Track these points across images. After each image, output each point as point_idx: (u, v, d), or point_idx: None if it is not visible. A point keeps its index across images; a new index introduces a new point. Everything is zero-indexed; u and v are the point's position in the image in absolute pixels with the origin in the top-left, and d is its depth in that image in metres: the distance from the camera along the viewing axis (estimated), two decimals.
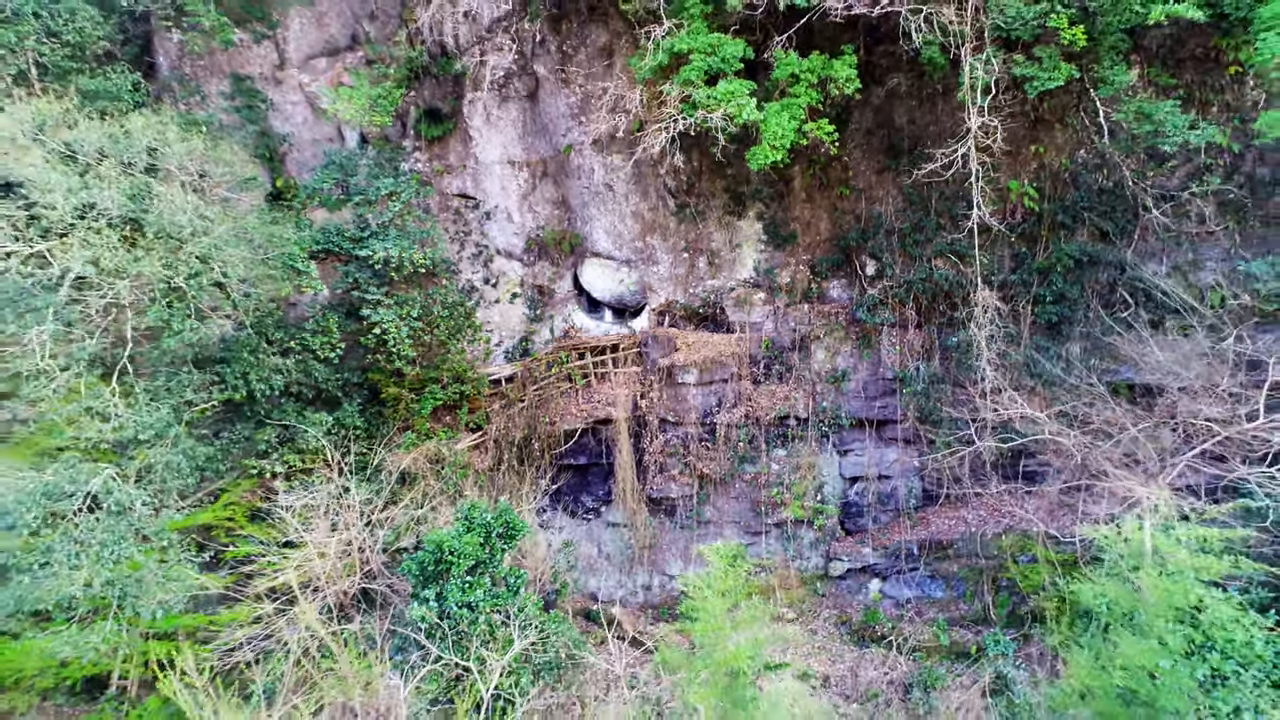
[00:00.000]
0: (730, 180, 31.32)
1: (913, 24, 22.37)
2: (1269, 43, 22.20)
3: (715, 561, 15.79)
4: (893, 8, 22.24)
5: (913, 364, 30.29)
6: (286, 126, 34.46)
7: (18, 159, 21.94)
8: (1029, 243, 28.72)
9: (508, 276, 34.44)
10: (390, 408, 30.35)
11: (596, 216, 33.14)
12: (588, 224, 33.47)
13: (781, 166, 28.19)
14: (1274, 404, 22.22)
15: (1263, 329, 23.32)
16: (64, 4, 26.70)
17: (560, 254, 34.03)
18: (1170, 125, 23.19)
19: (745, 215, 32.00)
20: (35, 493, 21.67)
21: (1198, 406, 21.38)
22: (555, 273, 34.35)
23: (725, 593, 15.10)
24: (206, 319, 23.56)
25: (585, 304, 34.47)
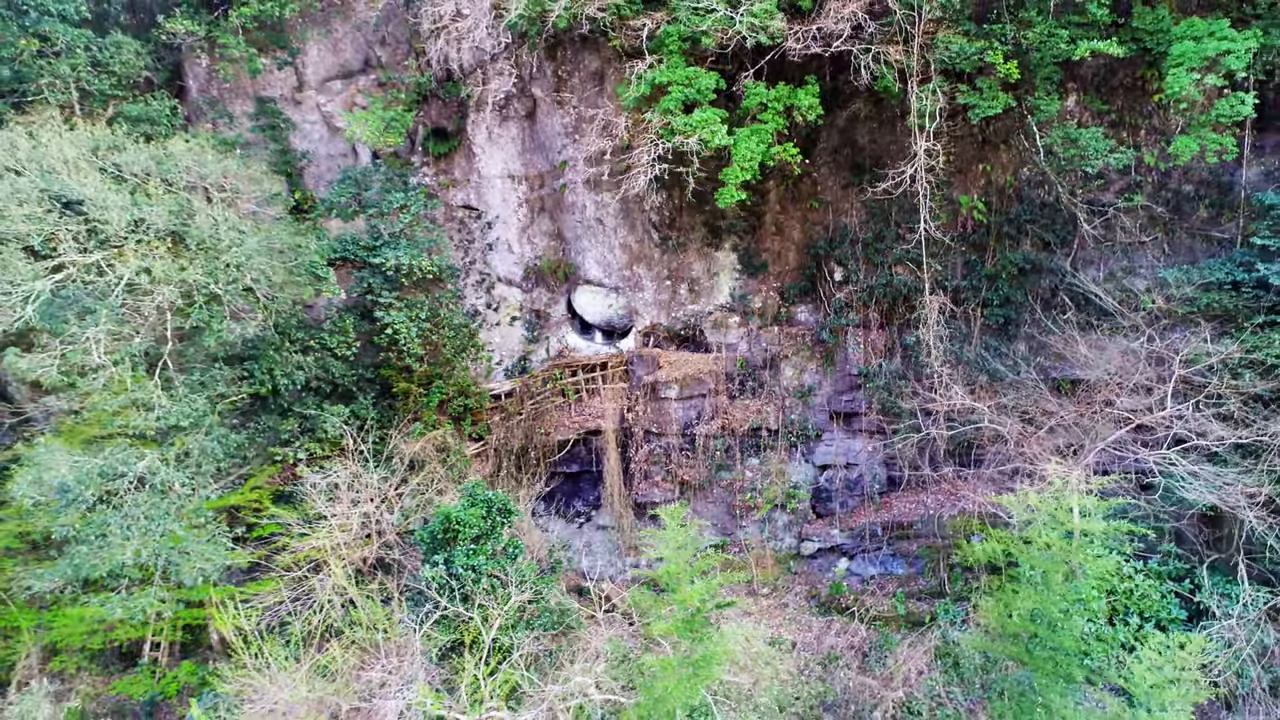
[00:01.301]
0: (708, 215, 34.40)
1: (863, 61, 25.39)
2: (1178, 78, 25.20)
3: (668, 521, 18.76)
4: (844, 46, 25.27)
5: (876, 361, 33.30)
6: (305, 144, 37.58)
7: (79, 180, 24.99)
8: (978, 251, 31.73)
9: (508, 302, 37.56)
10: (401, 401, 33.37)
11: (588, 248, 36.24)
12: (580, 254, 36.56)
13: (751, 203, 31.18)
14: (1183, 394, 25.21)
15: (1174, 329, 26.26)
16: (110, 38, 29.82)
17: (555, 281, 37.14)
18: (1092, 149, 26.21)
19: (722, 247, 35.11)
20: (93, 472, 24.68)
21: (1115, 398, 24.33)
22: (551, 298, 37.45)
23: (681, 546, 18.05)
24: (240, 320, 26.58)
25: (578, 326, 37.58)
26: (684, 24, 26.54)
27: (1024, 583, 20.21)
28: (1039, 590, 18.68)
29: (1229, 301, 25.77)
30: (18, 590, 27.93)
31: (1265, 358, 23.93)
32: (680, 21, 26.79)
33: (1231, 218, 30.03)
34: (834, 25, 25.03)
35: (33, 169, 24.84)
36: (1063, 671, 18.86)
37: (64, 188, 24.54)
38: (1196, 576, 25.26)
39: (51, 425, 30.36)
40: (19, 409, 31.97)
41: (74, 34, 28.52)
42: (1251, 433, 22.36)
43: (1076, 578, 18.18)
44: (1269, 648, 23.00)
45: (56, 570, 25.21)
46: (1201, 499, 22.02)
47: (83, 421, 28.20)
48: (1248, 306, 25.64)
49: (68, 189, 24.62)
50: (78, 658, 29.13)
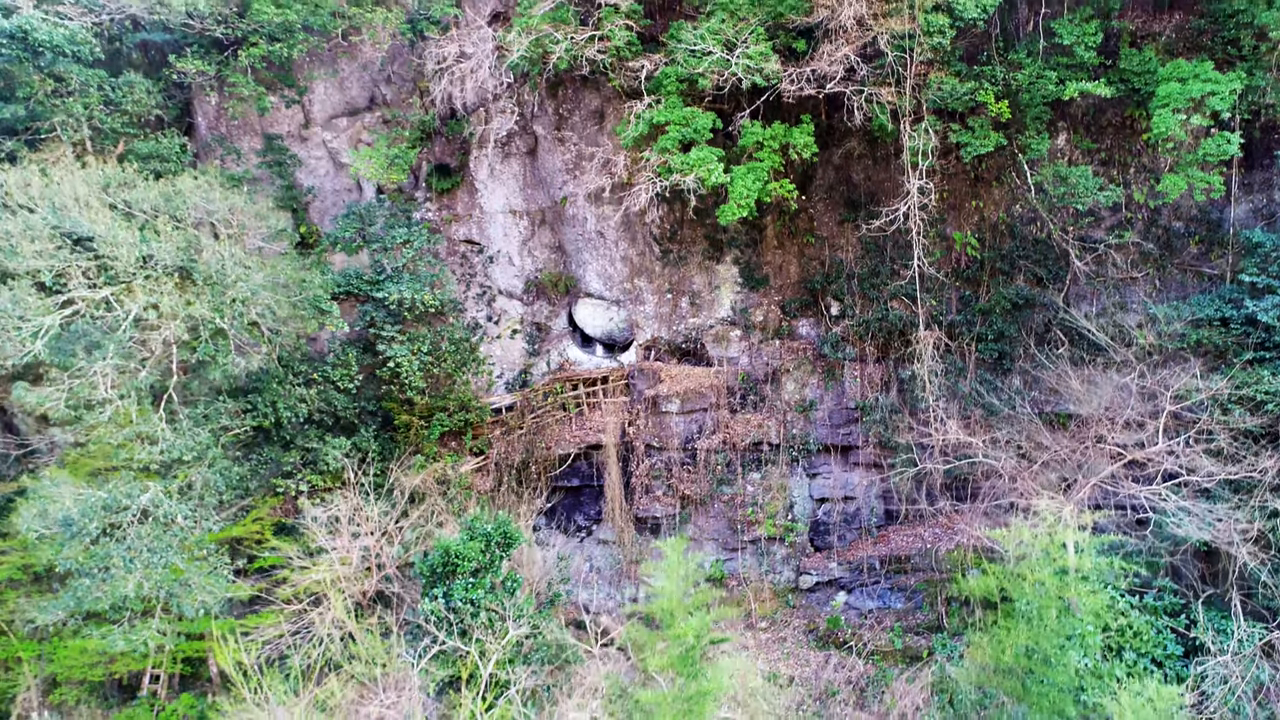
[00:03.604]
0: (709, 229, 34.89)
1: (856, 103, 26.03)
2: (1163, 118, 25.79)
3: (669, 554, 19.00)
4: (838, 88, 25.92)
5: (872, 395, 33.61)
6: (311, 179, 38.26)
7: (90, 217, 25.56)
8: (972, 286, 32.17)
9: (509, 315, 37.98)
10: (402, 433, 33.70)
11: (589, 261, 36.74)
12: (581, 267, 37.05)
13: (753, 218, 31.74)
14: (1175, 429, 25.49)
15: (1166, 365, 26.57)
16: (123, 78, 30.58)
17: (556, 294, 37.60)
18: (1082, 187, 26.75)
19: (723, 260, 35.57)
20: (97, 505, 24.98)
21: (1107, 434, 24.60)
22: (552, 311, 37.89)
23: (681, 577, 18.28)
24: (245, 354, 27.01)
25: (579, 339, 37.94)
26: (681, 65, 27.23)
27: (1019, 618, 20.37)
28: (1033, 626, 18.85)
29: (1218, 337, 26.13)
30: (20, 623, 28.10)
31: (1254, 394, 24.24)
32: (678, 63, 27.49)
33: (1221, 253, 30.52)
34: (827, 67, 25.68)
35: (45, 206, 25.41)
36: (1058, 708, 18.96)
37: (75, 224, 25.10)
38: (1192, 611, 25.36)
39: (56, 457, 30.72)
40: (25, 441, 32.34)
41: (88, 74, 29.27)
42: (1242, 468, 22.61)
43: (1071, 614, 18.35)
44: (1264, 684, 23.04)
45: (59, 603, 25.41)
46: (1194, 536, 22.20)
47: (87, 454, 28.55)
48: (1237, 342, 26.00)
49: (78, 226, 25.18)
50: (78, 690, 29.19)
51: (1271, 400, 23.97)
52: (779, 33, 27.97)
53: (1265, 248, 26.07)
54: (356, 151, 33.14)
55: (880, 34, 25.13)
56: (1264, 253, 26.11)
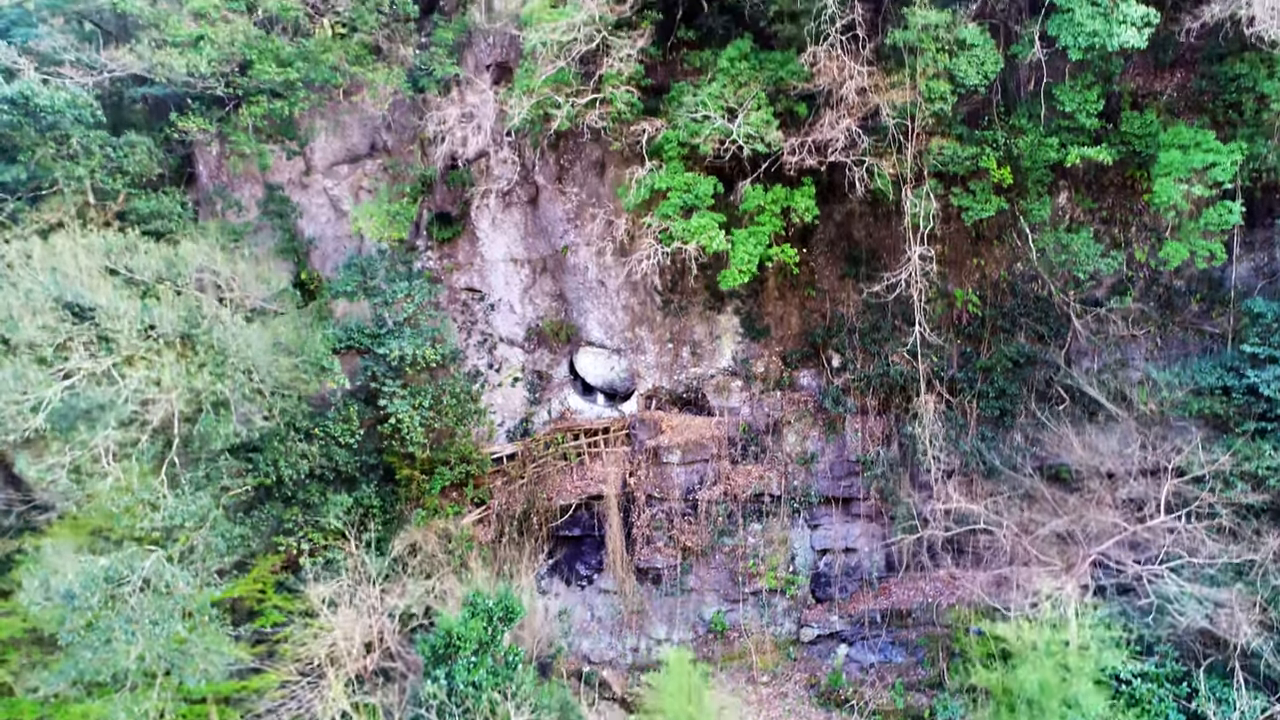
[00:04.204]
0: (710, 279, 34.81)
1: (857, 174, 26.04)
2: (1165, 187, 25.82)
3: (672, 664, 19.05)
4: (839, 158, 25.94)
5: (874, 449, 33.64)
6: (312, 225, 38.25)
7: (91, 287, 25.57)
8: (973, 343, 32.19)
9: (510, 362, 38.01)
10: (404, 487, 33.71)
11: (590, 309, 36.77)
12: (582, 316, 37.09)
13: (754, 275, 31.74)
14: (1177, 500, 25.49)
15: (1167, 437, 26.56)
16: (125, 138, 30.61)
17: (558, 343, 37.62)
18: (1084, 255, 26.78)
19: (724, 310, 35.58)
20: (98, 578, 24.97)
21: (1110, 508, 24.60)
22: (553, 359, 37.91)
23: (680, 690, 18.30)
24: (249, 421, 27.01)
25: (580, 388, 37.97)
26: (682, 130, 27.24)
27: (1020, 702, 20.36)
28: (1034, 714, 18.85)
29: (1220, 407, 26.15)
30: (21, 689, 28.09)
31: (1256, 469, 24.22)
32: (679, 128, 27.48)
33: (1222, 312, 30.55)
34: (830, 133, 25.68)
35: (46, 276, 25.43)
36: None
37: (76, 295, 25.12)
38: (1194, 680, 25.34)
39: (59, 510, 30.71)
40: (28, 495, 32.35)
41: (90, 136, 29.26)
42: (1243, 548, 22.59)
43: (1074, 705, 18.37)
44: None
45: (59, 673, 25.41)
46: (1195, 623, 22.20)
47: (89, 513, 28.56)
48: (1239, 412, 26.01)
49: (80, 297, 25.20)
50: None
51: (1273, 476, 23.98)
52: (780, 97, 28.00)
53: (1266, 318, 26.08)
54: (359, 207, 33.26)
55: (882, 105, 25.12)
56: (1265, 324, 26.11)
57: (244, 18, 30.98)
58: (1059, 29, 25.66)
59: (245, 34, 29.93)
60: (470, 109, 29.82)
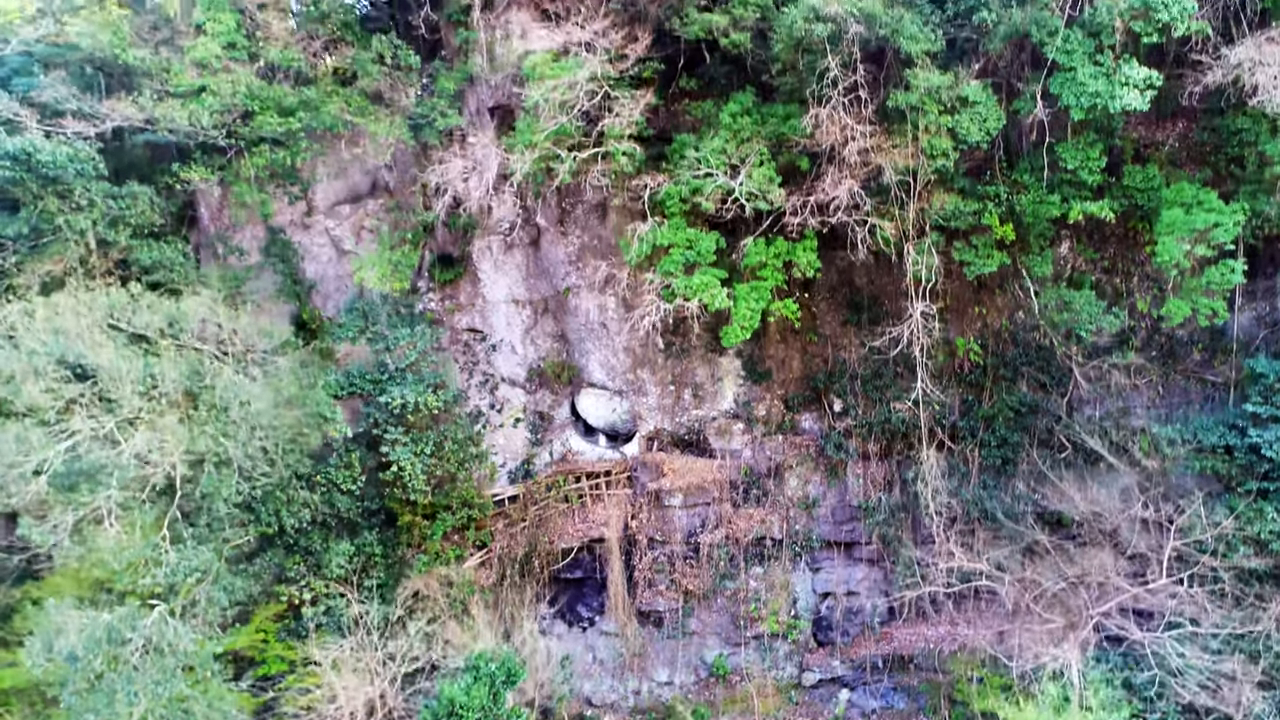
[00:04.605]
0: (712, 324, 34.87)
1: (860, 235, 26.03)
2: (1167, 247, 25.80)
3: None
4: (842, 218, 25.93)
5: (875, 495, 33.64)
6: (313, 265, 38.14)
7: (93, 346, 25.56)
8: (975, 391, 32.18)
9: (512, 403, 37.98)
10: (405, 533, 33.72)
11: (592, 351, 36.77)
12: (584, 357, 37.08)
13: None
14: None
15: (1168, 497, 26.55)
16: (126, 188, 30.56)
17: (559, 384, 37.62)
18: (1085, 314, 26.76)
19: (725, 353, 35.54)
20: (101, 639, 24.96)
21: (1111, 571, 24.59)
22: (554, 400, 37.90)
23: None
24: (251, 478, 27.03)
25: (581, 429, 37.96)
26: (684, 186, 27.22)
27: None
28: None
29: (1222, 466, 26.13)
30: None
31: (1259, 533, 24.22)
32: (681, 183, 27.47)
33: (1224, 361, 30.56)
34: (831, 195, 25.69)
35: (48, 335, 25.43)
36: None
37: (78, 356, 25.11)
38: None
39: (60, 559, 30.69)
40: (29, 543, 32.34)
41: (93, 188, 29.20)
42: (1245, 617, 22.58)
43: None
44: None
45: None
46: (1197, 699, 22.21)
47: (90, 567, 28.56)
48: (1241, 471, 25.99)
49: (81, 357, 25.19)
50: None
51: (1276, 540, 23.97)
52: (782, 150, 27.98)
53: (1269, 379, 26.06)
54: (361, 258, 33.18)
55: (884, 165, 25.12)
56: (1267, 384, 26.08)
57: (246, 66, 30.94)
58: (1061, 88, 25.65)
59: (247, 85, 29.86)
60: (472, 162, 29.72)
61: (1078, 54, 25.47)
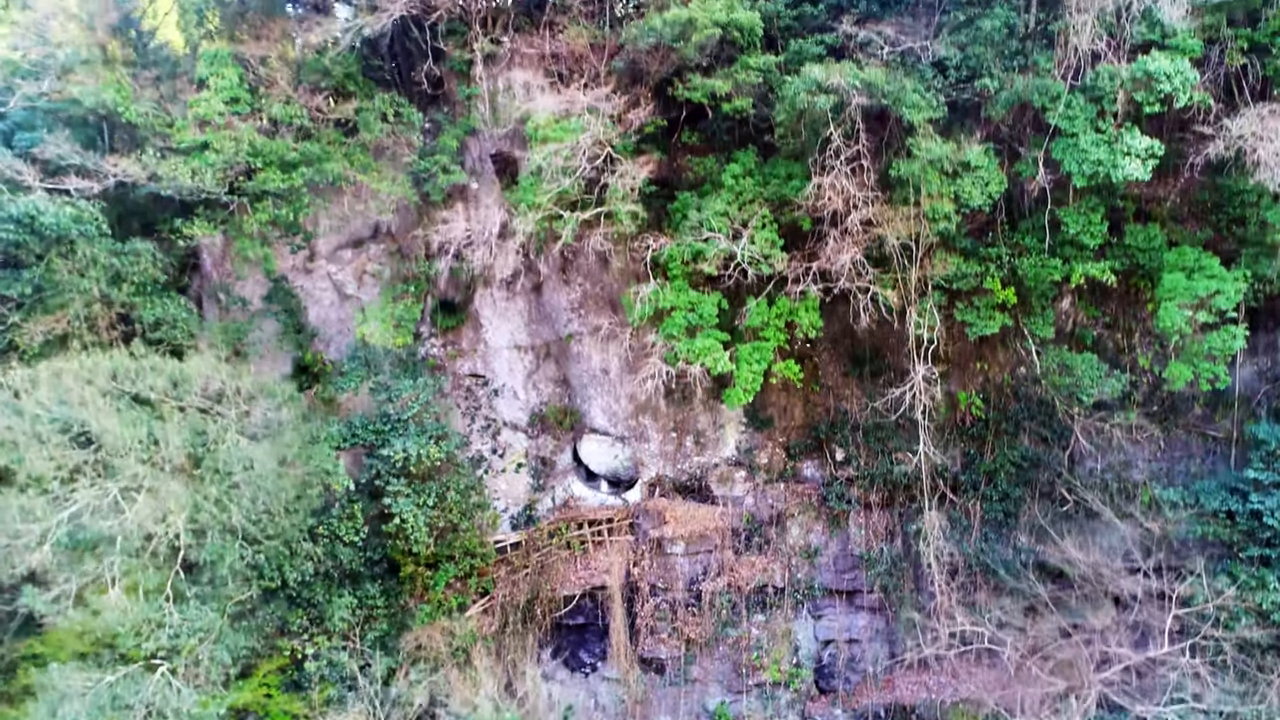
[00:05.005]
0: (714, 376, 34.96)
1: (861, 302, 26.08)
2: (1169, 312, 25.83)
3: None
4: (845, 284, 25.98)
5: (877, 545, 33.69)
6: (315, 308, 38.20)
7: (96, 412, 25.61)
8: (977, 444, 32.23)
9: (514, 448, 38.05)
10: (408, 583, 33.78)
11: (594, 396, 36.83)
12: (586, 402, 37.14)
13: None
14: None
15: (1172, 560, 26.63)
16: (129, 245, 30.60)
17: (561, 430, 37.69)
18: (1087, 378, 26.79)
19: None
20: (105, 706, 25.05)
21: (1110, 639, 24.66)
22: (556, 446, 37.96)
23: None
24: (255, 542, 27.09)
25: (583, 475, 38.02)
26: (687, 249, 27.26)
27: None
28: None
29: (1224, 532, 26.17)
30: None
31: (1261, 602, 24.27)
32: (683, 245, 27.50)
33: (1225, 415, 30.60)
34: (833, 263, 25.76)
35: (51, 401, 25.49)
36: None
37: (82, 424, 25.17)
38: None
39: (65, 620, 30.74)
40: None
41: (96, 245, 29.24)
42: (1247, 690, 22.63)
43: None
44: None
45: None
46: None
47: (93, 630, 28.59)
48: (1244, 537, 26.03)
49: (85, 424, 25.24)
50: None
51: (1278, 611, 24.01)
52: (784, 210, 28.02)
53: (1270, 445, 26.09)
54: (363, 312, 33.24)
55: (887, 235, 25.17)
56: (1269, 450, 26.12)
57: (248, 121, 30.97)
58: (1064, 154, 25.68)
59: (250, 141, 29.89)
60: (476, 224, 29.77)
61: (1079, 119, 25.52)
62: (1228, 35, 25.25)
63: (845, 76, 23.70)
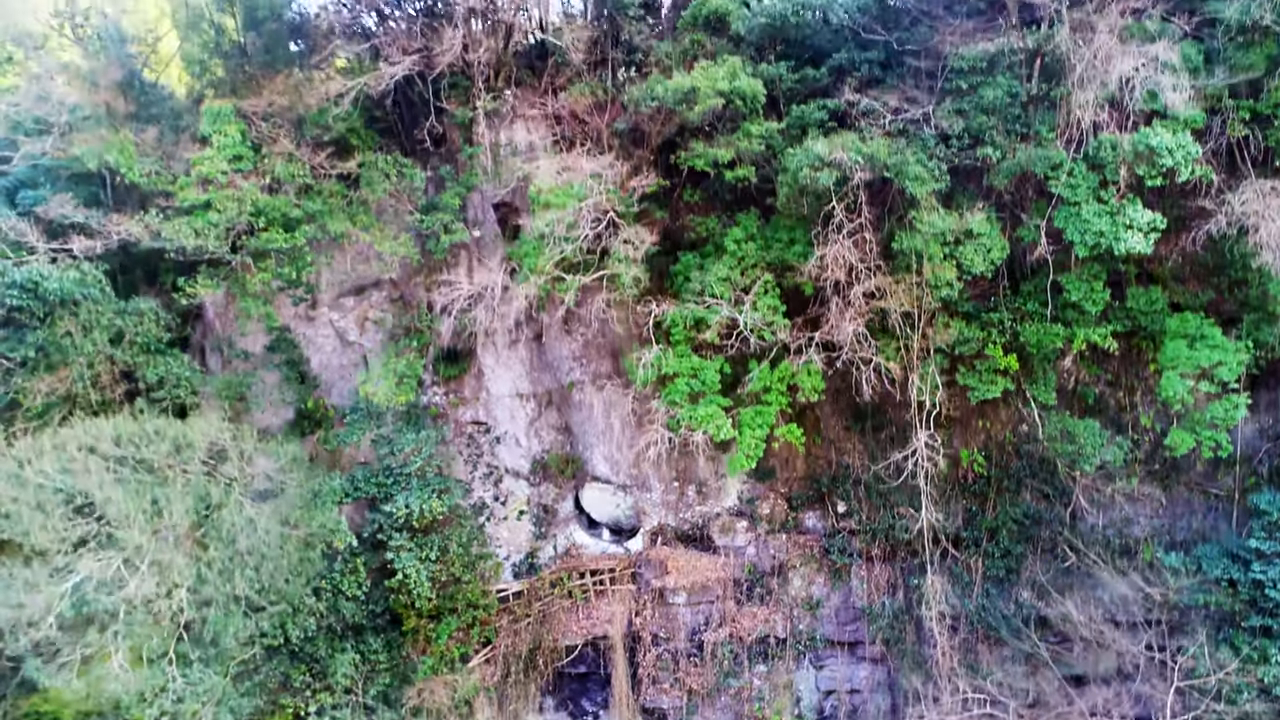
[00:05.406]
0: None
1: (864, 374, 26.11)
2: (1171, 382, 25.86)
3: None
4: (845, 354, 26.01)
5: (879, 599, 33.72)
6: (317, 356, 38.22)
7: (99, 482, 25.64)
8: (979, 500, 32.26)
9: (516, 495, 38.08)
10: (411, 636, 33.83)
11: (596, 444, 36.86)
12: (588, 450, 37.18)
13: None
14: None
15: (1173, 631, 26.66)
16: (132, 303, 30.64)
17: (563, 477, 37.71)
18: (1089, 447, 26.79)
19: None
20: None
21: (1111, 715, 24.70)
22: (558, 494, 37.99)
23: None
24: (260, 610, 27.14)
25: (585, 523, 38.06)
26: (689, 315, 27.29)
27: None
28: None
29: (1226, 601, 26.19)
30: None
31: (1263, 676, 24.29)
32: (686, 310, 27.53)
33: (1227, 473, 30.61)
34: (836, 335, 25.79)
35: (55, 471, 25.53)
36: None
37: (86, 495, 25.22)
38: None
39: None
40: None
41: (100, 306, 29.26)
42: None
43: None
44: None
45: None
46: None
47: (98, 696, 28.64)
48: (1245, 605, 26.05)
49: (89, 494, 25.29)
50: None
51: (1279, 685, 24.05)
52: (786, 274, 28.06)
53: (1272, 515, 26.11)
54: (364, 373, 33.28)
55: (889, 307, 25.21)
56: (1271, 520, 26.14)
57: (251, 179, 30.98)
58: (1066, 223, 25.69)
59: (253, 201, 29.92)
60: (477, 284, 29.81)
61: (1082, 188, 25.54)
62: (1229, 106, 25.27)
63: (848, 151, 23.73)
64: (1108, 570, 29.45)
